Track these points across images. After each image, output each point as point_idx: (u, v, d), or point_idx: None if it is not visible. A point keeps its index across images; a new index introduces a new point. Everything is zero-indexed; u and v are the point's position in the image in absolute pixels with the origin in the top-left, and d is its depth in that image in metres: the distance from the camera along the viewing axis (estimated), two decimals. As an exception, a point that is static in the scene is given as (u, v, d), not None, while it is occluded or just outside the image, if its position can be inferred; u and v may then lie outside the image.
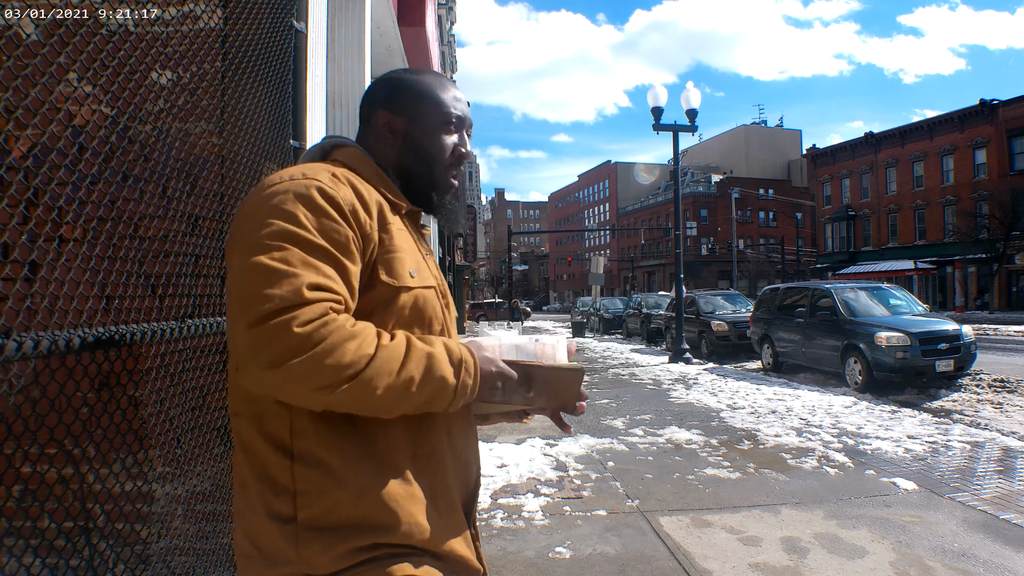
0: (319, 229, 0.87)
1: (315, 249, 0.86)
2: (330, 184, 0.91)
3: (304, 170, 0.93)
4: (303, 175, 0.92)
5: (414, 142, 1.09)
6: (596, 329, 24.66)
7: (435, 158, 1.10)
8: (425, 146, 1.09)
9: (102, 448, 1.35)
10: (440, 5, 15.01)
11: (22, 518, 1.34)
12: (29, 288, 1.14)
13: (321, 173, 0.93)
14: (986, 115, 31.63)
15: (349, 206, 0.91)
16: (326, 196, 0.90)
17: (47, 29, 1.18)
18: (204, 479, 1.82)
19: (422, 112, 1.09)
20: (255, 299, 0.81)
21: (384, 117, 1.10)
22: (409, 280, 0.98)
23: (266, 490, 0.89)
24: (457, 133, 1.12)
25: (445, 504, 0.97)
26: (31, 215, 1.12)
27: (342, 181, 0.94)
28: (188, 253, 1.70)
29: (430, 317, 1.01)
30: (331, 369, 0.80)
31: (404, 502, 0.91)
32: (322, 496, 0.88)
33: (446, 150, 1.11)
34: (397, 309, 0.96)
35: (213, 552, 1.81)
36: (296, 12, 2.26)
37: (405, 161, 1.10)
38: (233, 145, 1.86)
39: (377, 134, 1.10)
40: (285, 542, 0.87)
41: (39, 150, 1.14)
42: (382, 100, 1.11)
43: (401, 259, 0.97)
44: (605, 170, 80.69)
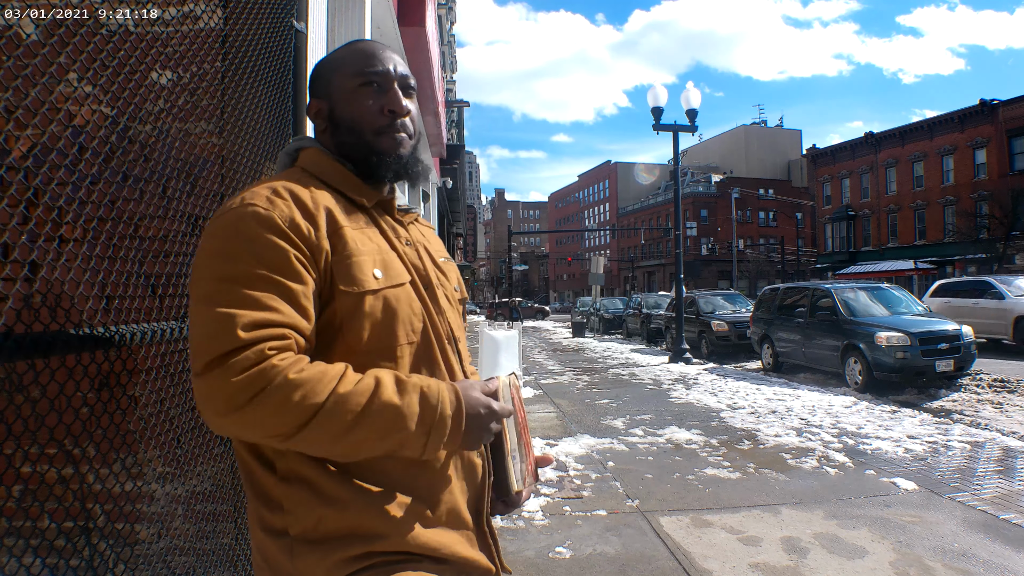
0: (255, 257, 0.85)
1: (252, 280, 0.84)
2: (265, 206, 0.88)
3: (244, 195, 0.91)
4: (241, 202, 0.89)
5: (337, 117, 1.03)
6: (596, 329, 24.65)
7: (360, 123, 1.02)
8: (346, 115, 1.02)
9: (102, 448, 1.35)
10: (440, 5, 15.01)
11: (22, 518, 1.34)
12: (29, 288, 1.14)
13: (259, 195, 0.90)
14: (986, 115, 31.62)
15: (287, 222, 0.88)
16: (260, 219, 0.87)
17: (47, 29, 1.18)
18: (204, 479, 1.82)
19: (338, 84, 1.03)
20: (197, 350, 0.82)
21: (313, 106, 1.06)
22: (373, 282, 0.93)
23: (260, 506, 0.91)
24: (382, 92, 1.03)
25: (445, 507, 0.95)
26: (31, 215, 1.12)
27: (282, 196, 0.91)
28: (188, 253, 1.70)
29: (408, 316, 0.96)
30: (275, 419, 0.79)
31: (392, 510, 0.90)
32: (309, 512, 0.88)
33: (370, 111, 1.01)
34: (367, 315, 0.91)
35: (213, 552, 1.80)
36: (296, 12, 2.26)
37: (338, 140, 1.03)
38: (233, 145, 1.86)
39: (315, 125, 1.07)
40: (282, 556, 0.88)
41: (39, 150, 1.14)
42: (311, 90, 1.08)
43: (359, 263, 0.92)
44: (605, 170, 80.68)
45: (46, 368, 1.16)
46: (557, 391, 9.07)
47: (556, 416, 7.06)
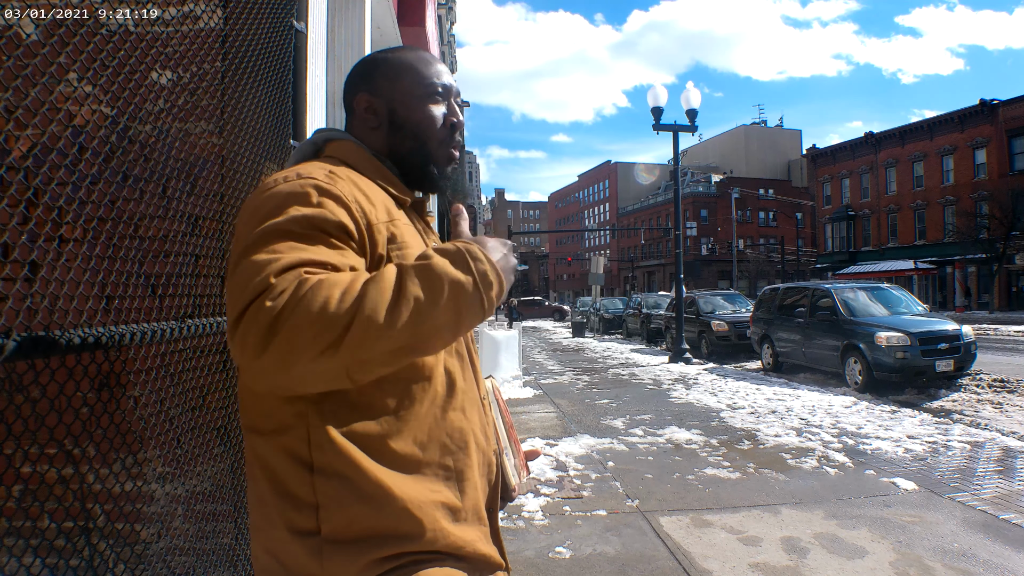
0: (311, 221, 0.82)
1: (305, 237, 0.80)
2: (326, 180, 0.87)
3: (299, 170, 0.89)
4: (297, 176, 0.87)
5: (400, 120, 1.03)
6: (596, 329, 24.66)
7: (427, 132, 1.04)
8: (413, 121, 1.03)
9: (102, 448, 1.35)
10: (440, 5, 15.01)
11: (22, 518, 1.34)
12: (29, 288, 1.14)
13: (317, 171, 0.89)
14: (986, 115, 31.64)
15: (351, 198, 0.87)
16: (322, 191, 0.85)
17: (47, 29, 1.18)
18: (204, 479, 1.82)
19: (403, 87, 1.03)
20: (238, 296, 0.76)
21: (364, 100, 1.04)
22: None
23: (287, 506, 0.86)
24: (445, 103, 1.06)
25: (470, 504, 0.95)
26: (31, 215, 1.12)
27: (342, 177, 0.89)
28: (188, 253, 1.70)
29: None
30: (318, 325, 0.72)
31: (428, 508, 0.88)
32: (342, 508, 0.85)
33: (437, 121, 1.04)
34: None
35: (213, 552, 1.80)
36: (296, 12, 2.26)
37: (395, 142, 1.04)
38: (233, 145, 1.86)
39: (360, 119, 1.05)
40: (308, 557, 0.84)
41: (39, 150, 1.14)
42: (360, 84, 1.05)
43: (410, 256, 0.91)
44: (605, 170, 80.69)
45: (46, 368, 1.16)
46: (557, 391, 9.07)
47: (556, 416, 7.06)
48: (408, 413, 0.90)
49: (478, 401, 1.03)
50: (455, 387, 0.97)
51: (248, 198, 0.91)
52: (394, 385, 0.89)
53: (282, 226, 0.80)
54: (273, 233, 0.80)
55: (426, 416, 0.92)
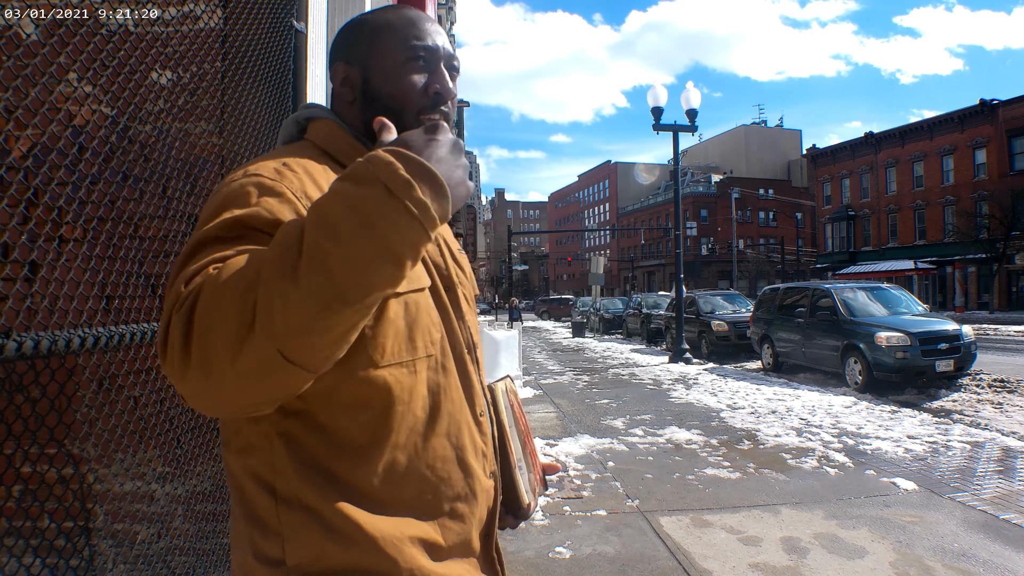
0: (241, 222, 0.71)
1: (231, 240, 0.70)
2: (272, 176, 0.76)
3: (249, 167, 0.79)
4: (245, 174, 0.77)
5: (374, 90, 0.89)
6: (596, 329, 24.65)
7: (403, 102, 0.88)
8: (387, 91, 0.89)
9: (102, 448, 1.35)
10: (440, 5, 15.01)
11: (22, 518, 1.34)
12: (29, 288, 1.14)
13: (266, 167, 0.78)
14: (986, 115, 31.64)
15: (299, 193, 0.76)
16: (264, 189, 0.74)
17: (47, 29, 1.18)
18: (204, 479, 1.82)
19: (379, 52, 0.89)
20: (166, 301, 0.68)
21: (341, 71, 0.91)
22: None
23: (254, 531, 0.79)
24: (428, 70, 0.90)
25: (453, 538, 0.86)
26: (31, 215, 1.12)
27: (293, 170, 0.78)
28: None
29: (427, 325, 0.85)
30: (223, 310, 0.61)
31: (402, 546, 0.80)
32: (309, 542, 0.77)
33: (413, 90, 0.89)
34: (391, 322, 0.80)
35: (213, 552, 1.80)
36: (296, 12, 2.26)
37: (370, 116, 0.88)
38: (233, 145, 1.86)
39: (337, 93, 0.93)
40: None
41: (39, 150, 1.14)
42: (338, 52, 0.93)
43: None
44: (605, 170, 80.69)
45: (46, 368, 1.16)
46: (557, 391, 9.07)
47: (556, 416, 7.06)
48: (383, 443, 0.80)
49: (470, 421, 0.91)
50: (439, 410, 0.86)
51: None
52: (365, 410, 0.80)
53: (211, 233, 0.71)
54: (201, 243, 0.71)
55: (403, 446, 0.82)
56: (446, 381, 0.87)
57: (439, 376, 0.86)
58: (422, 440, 0.84)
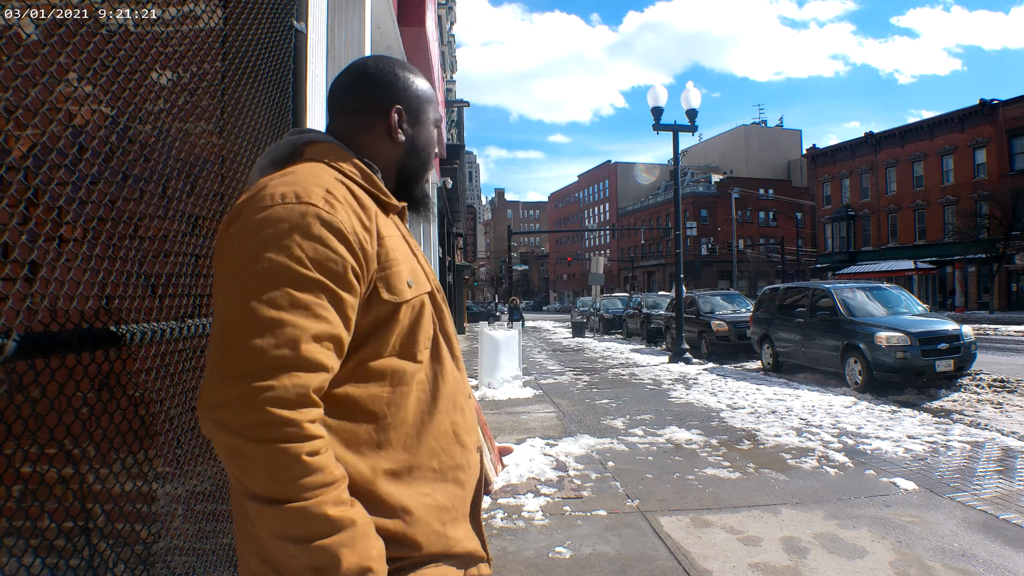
0: (316, 264, 0.83)
1: (309, 285, 0.82)
2: (327, 209, 0.86)
3: (297, 190, 0.87)
4: (296, 198, 0.85)
5: (419, 143, 1.10)
6: (596, 329, 24.65)
7: (431, 157, 1.14)
8: (427, 148, 1.12)
9: (102, 448, 1.35)
10: (440, 5, 15.01)
11: (22, 518, 1.34)
12: (29, 288, 1.14)
13: (315, 193, 0.87)
14: (986, 115, 31.63)
15: (350, 230, 0.87)
16: (324, 223, 0.85)
17: (47, 29, 1.18)
18: (204, 479, 1.82)
19: (426, 114, 1.11)
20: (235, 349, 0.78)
21: (400, 113, 1.08)
22: (407, 292, 0.95)
23: None
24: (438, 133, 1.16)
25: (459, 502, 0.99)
26: (31, 215, 1.12)
27: (340, 201, 0.89)
28: (188, 253, 1.70)
29: (428, 323, 1.00)
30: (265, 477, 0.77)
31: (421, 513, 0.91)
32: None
33: (433, 148, 1.14)
34: (398, 324, 0.94)
35: (213, 552, 1.81)
36: (296, 12, 2.26)
37: (407, 159, 1.09)
38: (233, 145, 1.86)
39: (386, 128, 1.07)
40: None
41: (39, 150, 1.14)
42: (394, 95, 1.08)
43: (399, 272, 0.94)
44: (605, 170, 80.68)
45: (46, 368, 1.16)
46: (557, 391, 9.07)
47: (556, 416, 7.06)
48: (395, 418, 0.92)
49: (464, 400, 1.06)
50: (439, 389, 0.99)
51: (240, 207, 0.88)
52: (379, 389, 0.92)
53: (284, 268, 0.81)
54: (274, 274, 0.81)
55: (413, 420, 0.94)
56: (441, 368, 1.02)
57: (436, 363, 1.01)
58: (428, 415, 0.97)
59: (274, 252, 0.82)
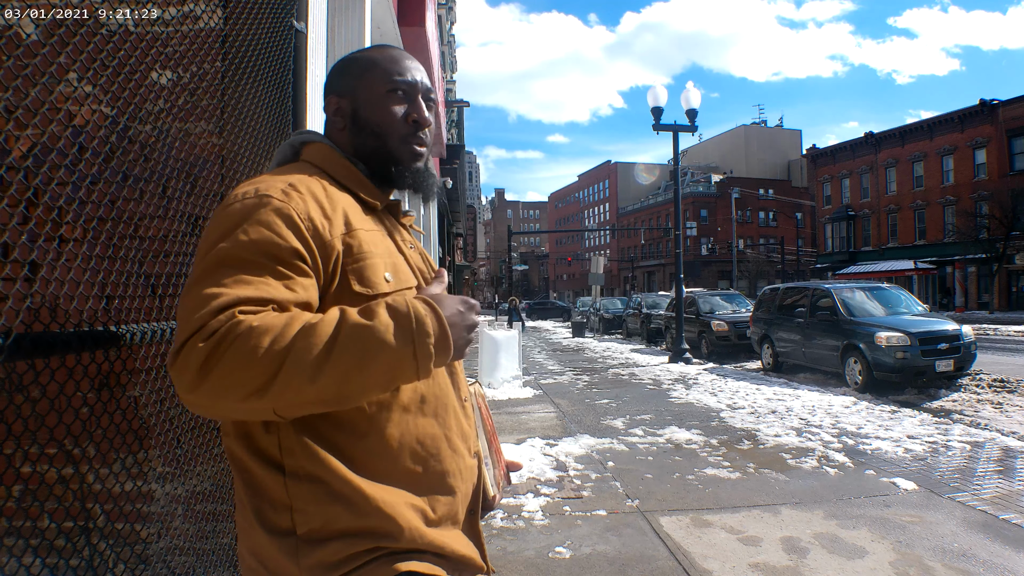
0: (259, 247, 0.84)
1: (252, 265, 0.83)
2: (281, 198, 0.88)
3: (259, 185, 0.90)
4: (255, 192, 0.88)
5: (362, 119, 1.04)
6: (596, 329, 24.65)
7: (385, 129, 1.04)
8: (373, 119, 1.04)
9: (102, 448, 1.35)
10: (440, 5, 15.01)
11: (22, 518, 1.34)
12: (29, 288, 1.14)
13: (274, 187, 0.89)
14: (986, 115, 31.63)
15: (304, 217, 0.88)
16: (276, 210, 0.86)
17: (47, 29, 1.18)
18: (204, 479, 1.82)
19: (365, 85, 1.05)
20: (180, 328, 0.80)
21: (333, 102, 1.06)
22: (384, 286, 0.94)
23: (264, 506, 0.89)
24: (408, 101, 1.06)
25: (443, 508, 0.97)
26: (31, 215, 1.12)
27: (300, 191, 0.90)
28: (188, 253, 1.70)
29: None
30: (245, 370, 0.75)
31: (402, 509, 0.91)
32: (319, 510, 0.87)
33: (395, 119, 1.04)
34: None
35: (213, 552, 1.80)
36: (296, 12, 2.26)
37: (359, 141, 1.05)
38: (233, 145, 1.86)
39: (330, 122, 1.07)
40: (286, 557, 0.86)
41: (39, 150, 1.14)
42: (331, 85, 1.08)
43: (373, 265, 0.94)
44: (605, 170, 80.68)
45: (46, 368, 1.16)
46: (557, 391, 9.07)
47: (556, 416, 7.06)
48: (378, 420, 0.91)
49: (456, 405, 1.03)
50: (427, 393, 0.97)
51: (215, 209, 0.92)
52: None
53: (231, 252, 0.83)
54: (222, 261, 0.83)
55: (396, 423, 0.93)
56: None
57: None
58: (412, 419, 0.94)
59: (225, 240, 0.84)
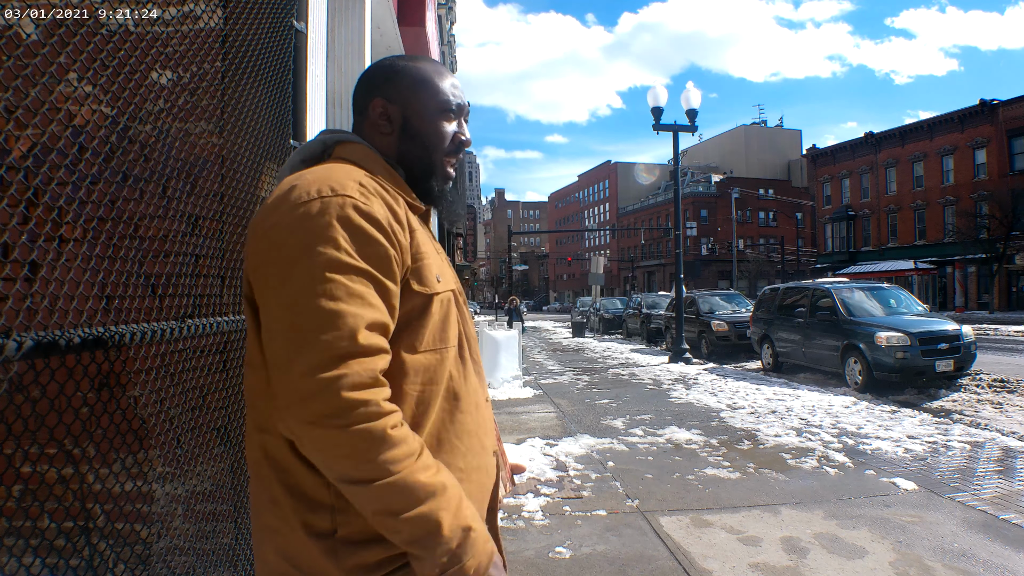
0: (361, 253, 0.85)
1: (360, 275, 0.84)
2: (363, 200, 0.88)
3: (332, 183, 0.89)
4: (332, 191, 0.87)
5: (413, 128, 1.06)
6: (596, 329, 24.65)
7: (435, 145, 1.07)
8: (424, 133, 1.06)
9: (102, 448, 1.35)
10: (440, 5, 15.01)
11: (22, 518, 1.34)
12: (29, 288, 1.14)
13: (350, 186, 0.89)
14: (986, 115, 31.62)
15: (386, 220, 0.89)
16: (363, 213, 0.87)
17: (47, 29, 1.18)
18: (204, 479, 1.82)
19: (420, 98, 1.06)
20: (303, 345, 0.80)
21: (380, 105, 1.06)
22: (437, 285, 0.96)
23: (302, 507, 0.88)
24: (456, 120, 1.10)
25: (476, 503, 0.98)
26: (31, 215, 1.12)
27: (372, 193, 0.91)
28: (188, 253, 1.70)
29: (454, 320, 1.01)
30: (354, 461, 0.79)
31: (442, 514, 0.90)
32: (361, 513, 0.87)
33: (446, 137, 1.08)
34: (431, 317, 0.95)
35: (213, 552, 1.80)
36: (296, 12, 2.26)
37: (404, 148, 1.06)
38: (233, 145, 1.86)
39: (373, 123, 1.07)
40: (325, 558, 0.87)
41: (39, 150, 1.14)
42: (378, 88, 1.07)
43: (429, 266, 0.96)
44: (605, 170, 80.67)
45: (46, 368, 1.16)
46: (557, 391, 9.07)
47: (556, 416, 7.06)
48: (422, 418, 0.93)
49: (483, 403, 1.06)
50: (460, 391, 0.99)
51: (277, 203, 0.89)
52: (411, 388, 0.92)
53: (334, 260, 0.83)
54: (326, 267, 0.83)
55: (436, 421, 0.95)
56: (464, 369, 1.02)
57: (459, 364, 1.01)
58: (450, 416, 0.97)
59: (322, 245, 0.83)
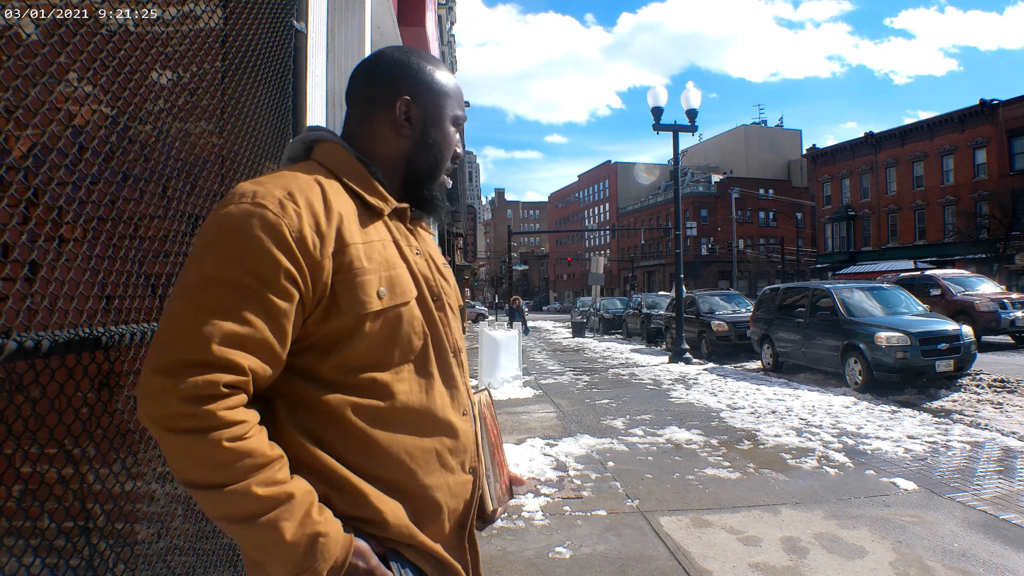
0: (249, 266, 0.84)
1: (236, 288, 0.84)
2: (275, 211, 0.87)
3: (258, 189, 0.89)
4: (252, 197, 0.88)
5: (431, 136, 1.06)
6: (596, 329, 24.65)
7: (445, 156, 1.08)
8: (438, 143, 1.07)
9: (102, 448, 1.35)
10: (440, 5, 15.01)
11: (22, 518, 1.34)
12: (29, 288, 1.14)
13: (271, 197, 0.88)
14: (986, 115, 31.62)
15: (295, 233, 0.87)
16: (266, 225, 0.85)
17: (47, 29, 1.18)
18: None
19: (440, 109, 1.06)
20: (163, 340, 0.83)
21: (406, 104, 1.04)
22: (375, 303, 0.92)
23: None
24: (459, 135, 1.13)
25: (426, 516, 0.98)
26: (31, 215, 1.12)
27: (295, 202, 0.89)
28: (188, 253, 1.70)
29: (407, 335, 0.97)
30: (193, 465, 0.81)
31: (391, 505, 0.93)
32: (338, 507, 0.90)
33: (452, 147, 1.10)
34: (365, 335, 0.92)
35: (213, 552, 1.81)
36: (296, 12, 2.26)
37: (416, 153, 1.05)
38: (233, 145, 1.86)
39: (394, 120, 1.04)
40: None
41: (39, 150, 1.14)
42: (404, 85, 1.04)
43: (364, 283, 0.92)
44: (605, 170, 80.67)
45: (46, 368, 1.16)
46: (557, 391, 9.07)
47: (556, 416, 7.06)
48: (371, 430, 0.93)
49: (451, 420, 1.02)
50: (420, 407, 0.97)
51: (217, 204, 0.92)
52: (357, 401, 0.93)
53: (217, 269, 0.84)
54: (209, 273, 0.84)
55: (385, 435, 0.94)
56: (427, 383, 0.99)
57: (420, 378, 0.98)
58: (403, 430, 0.95)
59: (212, 252, 0.86)
